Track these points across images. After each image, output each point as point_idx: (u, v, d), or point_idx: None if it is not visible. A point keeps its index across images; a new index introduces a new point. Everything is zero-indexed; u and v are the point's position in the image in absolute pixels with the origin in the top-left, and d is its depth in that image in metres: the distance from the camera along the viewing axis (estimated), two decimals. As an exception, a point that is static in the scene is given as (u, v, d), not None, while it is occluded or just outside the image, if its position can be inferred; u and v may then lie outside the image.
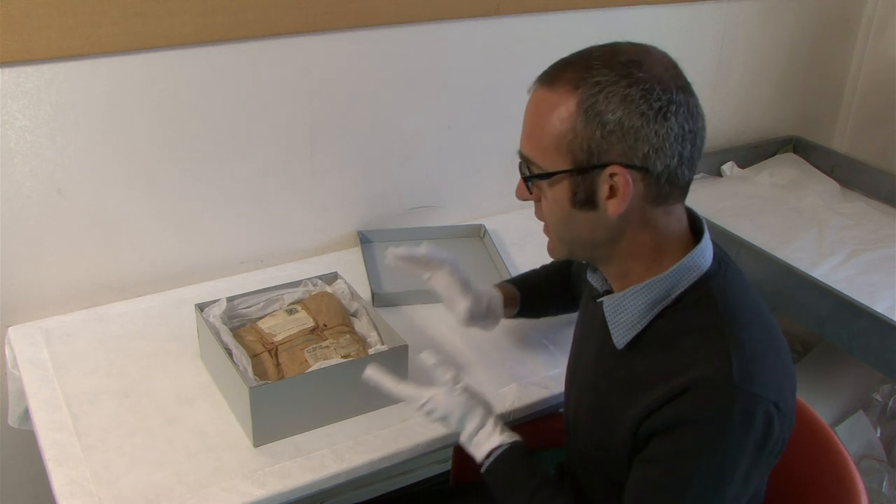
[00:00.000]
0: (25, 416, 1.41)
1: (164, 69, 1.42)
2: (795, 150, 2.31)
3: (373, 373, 1.13)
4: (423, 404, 1.11)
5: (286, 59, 1.53)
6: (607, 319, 1.00)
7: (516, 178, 0.99)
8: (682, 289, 0.95)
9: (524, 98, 0.96)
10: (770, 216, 1.99)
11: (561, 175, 0.92)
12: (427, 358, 1.11)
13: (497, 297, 1.34)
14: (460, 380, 1.11)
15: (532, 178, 0.95)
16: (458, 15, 1.66)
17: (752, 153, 2.26)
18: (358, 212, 1.76)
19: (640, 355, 0.97)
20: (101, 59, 1.36)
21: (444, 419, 1.11)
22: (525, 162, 0.96)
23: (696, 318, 0.94)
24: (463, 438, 1.11)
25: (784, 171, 2.19)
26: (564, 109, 0.89)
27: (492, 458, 1.08)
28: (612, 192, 0.91)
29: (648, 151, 0.88)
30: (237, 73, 1.49)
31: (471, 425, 1.10)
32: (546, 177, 0.93)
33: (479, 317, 1.32)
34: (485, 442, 1.09)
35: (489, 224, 1.83)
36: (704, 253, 0.96)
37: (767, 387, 0.89)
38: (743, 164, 2.24)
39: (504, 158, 1.86)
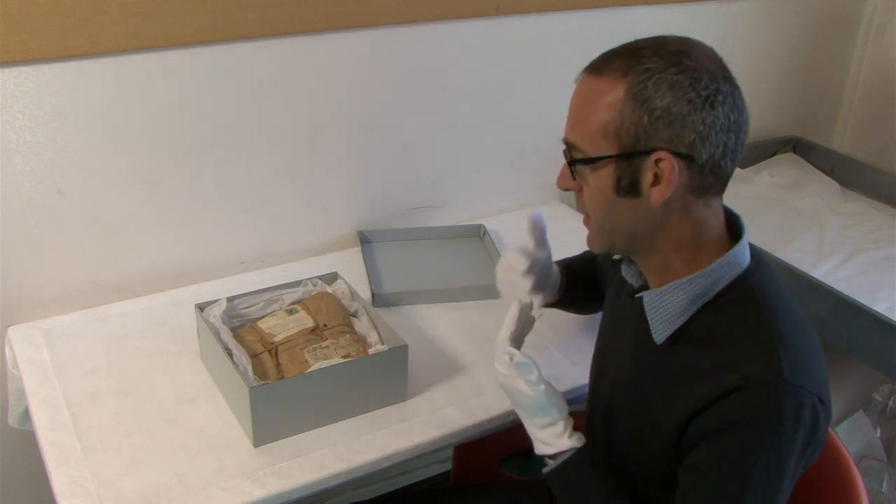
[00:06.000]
0: (25, 416, 1.41)
1: (164, 69, 1.42)
2: (795, 150, 2.31)
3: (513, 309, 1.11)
4: (503, 376, 1.07)
5: (286, 59, 1.53)
6: (647, 314, 0.99)
7: (516, 178, 0.99)
8: (723, 285, 0.95)
9: (524, 98, 0.96)
10: (770, 216, 1.99)
11: (606, 160, 0.92)
12: (510, 355, 1.07)
13: (558, 277, 1.31)
14: (542, 382, 1.07)
15: (577, 163, 0.95)
16: (458, 15, 1.66)
17: (752, 153, 2.26)
18: (358, 212, 1.76)
19: (681, 350, 0.97)
20: (101, 59, 1.36)
21: (512, 399, 1.09)
22: (570, 148, 0.96)
23: (739, 314, 0.94)
24: (528, 426, 1.09)
25: (784, 171, 2.19)
26: (612, 96, 0.89)
27: (558, 462, 1.06)
28: (657, 179, 0.91)
29: (694, 139, 0.88)
30: (237, 73, 1.49)
31: (540, 420, 1.07)
32: (591, 162, 0.93)
33: (546, 287, 1.27)
34: (552, 442, 1.06)
35: (489, 224, 1.83)
36: (745, 250, 0.97)
37: (813, 381, 0.89)
38: (743, 164, 2.23)
39: (504, 158, 1.87)
